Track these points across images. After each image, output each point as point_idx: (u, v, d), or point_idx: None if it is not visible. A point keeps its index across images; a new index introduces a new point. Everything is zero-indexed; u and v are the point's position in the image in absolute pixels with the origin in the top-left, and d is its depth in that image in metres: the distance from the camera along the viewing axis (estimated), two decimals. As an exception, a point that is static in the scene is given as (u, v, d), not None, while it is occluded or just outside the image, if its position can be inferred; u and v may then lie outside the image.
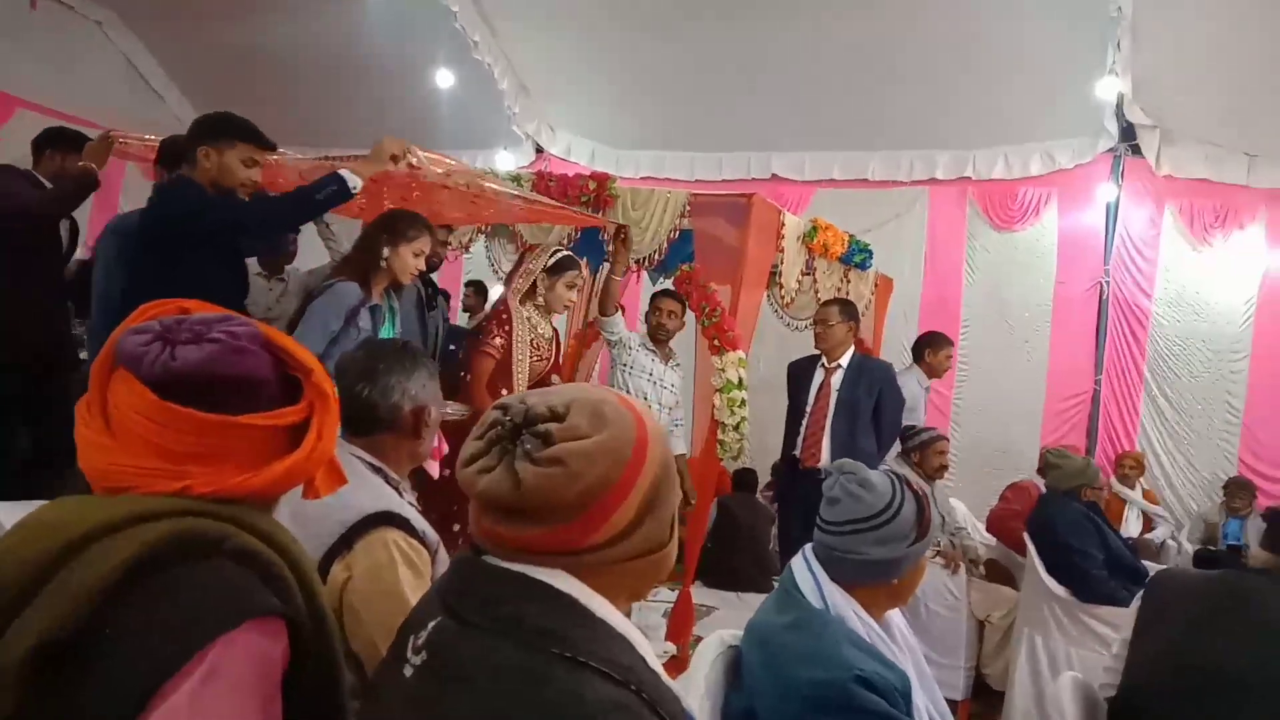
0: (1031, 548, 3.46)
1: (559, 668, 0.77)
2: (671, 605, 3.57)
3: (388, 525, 1.45)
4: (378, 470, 1.56)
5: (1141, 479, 5.43)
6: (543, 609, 0.81)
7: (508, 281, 3.44)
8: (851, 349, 3.90)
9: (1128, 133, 5.66)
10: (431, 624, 0.85)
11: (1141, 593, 1.75)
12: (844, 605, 1.49)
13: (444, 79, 6.63)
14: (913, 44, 5.60)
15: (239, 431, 0.87)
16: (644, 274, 5.32)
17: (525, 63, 6.70)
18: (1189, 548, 5.08)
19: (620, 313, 3.74)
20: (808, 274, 4.46)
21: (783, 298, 4.06)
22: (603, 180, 3.87)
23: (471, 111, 6.77)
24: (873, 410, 3.79)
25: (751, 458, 4.92)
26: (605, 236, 3.69)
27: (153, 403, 0.84)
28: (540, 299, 3.30)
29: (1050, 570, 3.35)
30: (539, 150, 7.12)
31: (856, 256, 4.64)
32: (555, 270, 3.29)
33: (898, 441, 4.06)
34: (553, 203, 3.57)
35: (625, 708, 0.75)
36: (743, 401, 3.46)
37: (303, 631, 0.88)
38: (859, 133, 6.35)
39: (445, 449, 2.38)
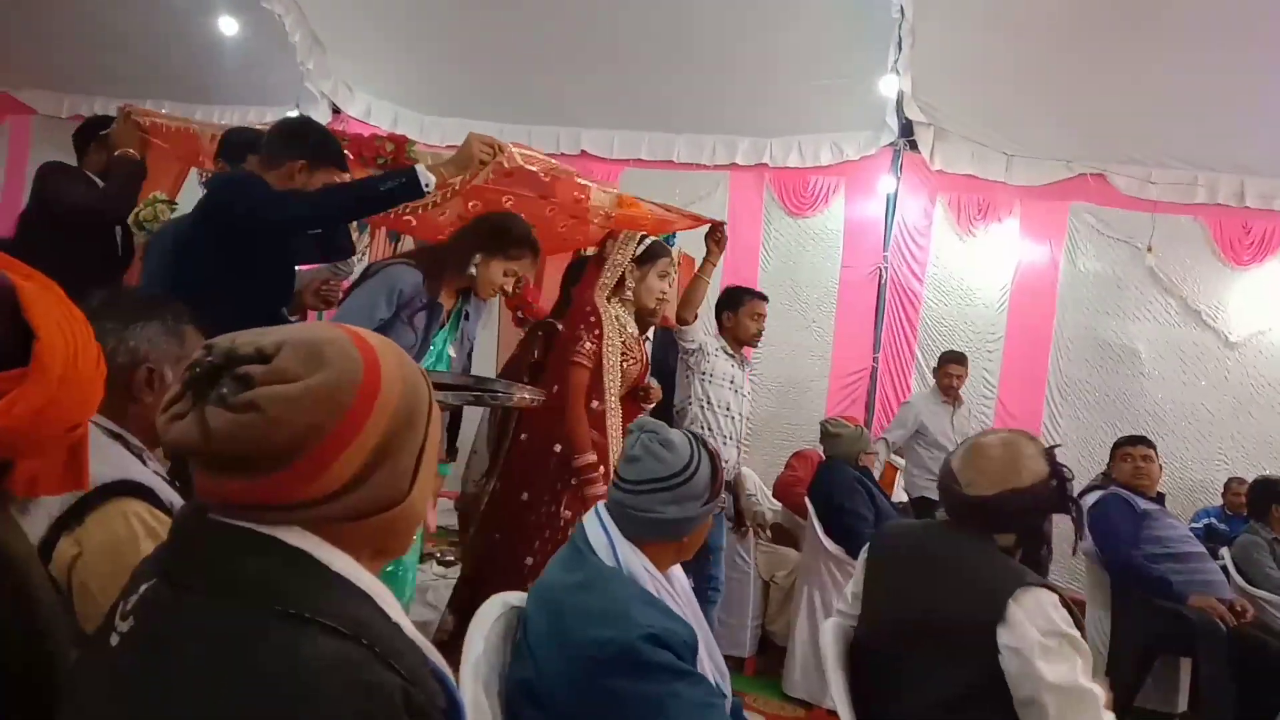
0: (811, 511, 3.69)
1: (277, 625, 0.71)
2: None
3: (127, 496, 1.31)
4: (116, 436, 1.40)
5: (911, 448, 5.92)
6: (266, 565, 0.74)
7: (586, 277, 3.04)
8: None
9: (906, 129, 6.08)
10: (143, 588, 0.77)
11: (867, 546, 1.90)
12: (635, 561, 1.51)
13: (227, 26, 6.11)
14: (716, 32, 5.74)
15: None
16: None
17: (321, 15, 6.28)
18: (950, 509, 5.62)
19: (699, 319, 3.41)
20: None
21: (587, 272, 4.07)
22: (401, 142, 3.68)
23: (259, 65, 6.30)
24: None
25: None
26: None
27: None
28: (629, 292, 2.95)
29: (827, 531, 3.60)
30: (336, 111, 6.73)
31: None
32: (646, 259, 2.95)
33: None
34: (659, 209, 3.21)
35: (350, 663, 0.70)
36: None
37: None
38: (666, 115, 6.47)
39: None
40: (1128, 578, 3.63)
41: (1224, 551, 4.15)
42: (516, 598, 1.61)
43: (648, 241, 2.98)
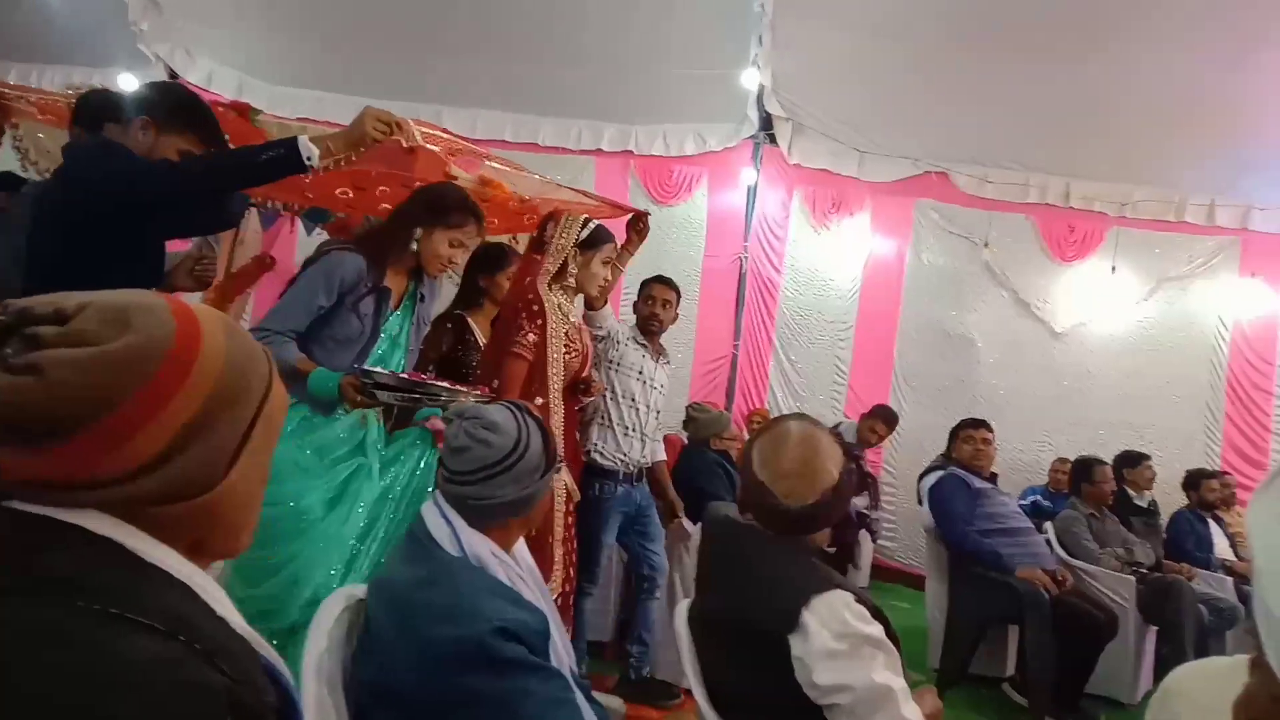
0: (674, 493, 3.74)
1: (85, 623, 0.64)
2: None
3: None
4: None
5: (768, 433, 6.12)
6: (68, 556, 0.67)
7: (525, 263, 2.84)
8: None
9: (767, 122, 6.25)
10: None
11: (699, 527, 1.91)
12: (482, 548, 1.46)
13: (49, -23, 5.59)
14: (584, 15, 5.70)
15: None
16: (298, 223, 4.93)
17: (156, -28, 5.84)
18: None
19: (608, 304, 3.26)
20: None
21: (448, 255, 3.96)
22: (244, 110, 3.47)
23: (85, 22, 5.78)
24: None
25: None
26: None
27: None
28: (571, 279, 2.79)
29: (687, 513, 3.65)
30: (173, 76, 6.26)
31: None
32: (590, 245, 2.79)
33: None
34: (579, 195, 3.08)
35: (166, 662, 0.64)
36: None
37: None
38: (531, 97, 6.38)
39: None
40: (963, 552, 3.88)
41: (1048, 526, 4.50)
42: (362, 590, 1.53)
43: (591, 225, 2.87)
